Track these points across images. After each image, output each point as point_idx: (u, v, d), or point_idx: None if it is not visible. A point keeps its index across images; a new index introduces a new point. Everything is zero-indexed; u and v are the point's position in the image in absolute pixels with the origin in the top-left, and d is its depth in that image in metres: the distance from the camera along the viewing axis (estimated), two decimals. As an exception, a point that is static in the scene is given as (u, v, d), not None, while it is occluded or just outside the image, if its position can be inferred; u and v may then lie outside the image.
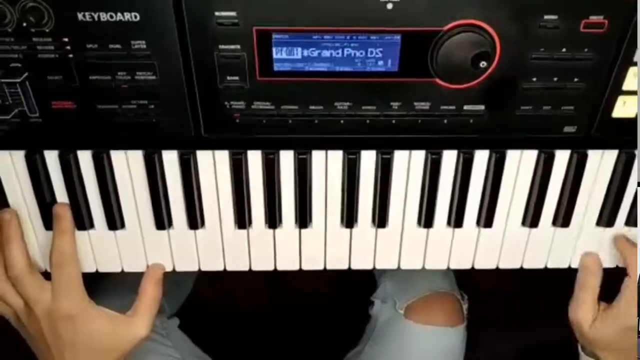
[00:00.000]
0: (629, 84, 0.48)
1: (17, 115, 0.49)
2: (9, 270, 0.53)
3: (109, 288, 0.72)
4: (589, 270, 0.58)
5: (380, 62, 0.47)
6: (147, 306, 0.57)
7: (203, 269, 0.60)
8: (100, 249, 0.58)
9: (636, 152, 0.53)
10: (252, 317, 1.17)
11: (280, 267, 0.60)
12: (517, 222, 0.57)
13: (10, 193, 0.54)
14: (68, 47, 0.46)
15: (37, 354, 0.57)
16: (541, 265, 0.61)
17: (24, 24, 0.44)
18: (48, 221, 0.55)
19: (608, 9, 0.44)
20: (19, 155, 0.53)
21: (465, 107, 0.49)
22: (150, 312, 0.58)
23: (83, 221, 0.56)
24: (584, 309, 0.57)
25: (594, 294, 0.58)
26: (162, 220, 0.56)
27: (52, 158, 0.53)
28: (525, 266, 0.60)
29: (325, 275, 0.59)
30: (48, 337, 0.54)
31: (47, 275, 0.55)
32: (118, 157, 0.53)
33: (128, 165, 0.53)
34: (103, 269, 0.59)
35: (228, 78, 0.47)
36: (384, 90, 0.48)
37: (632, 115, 0.50)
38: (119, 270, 0.59)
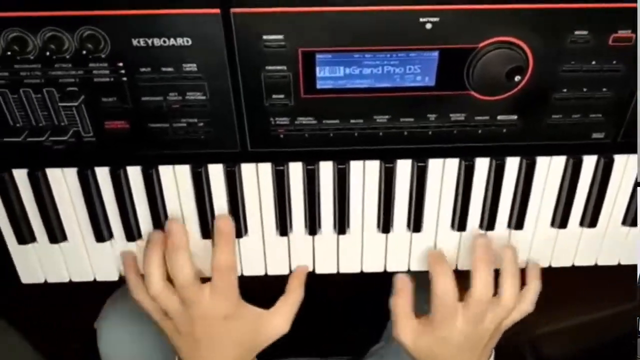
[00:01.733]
0: (654, 92, 0.50)
1: (72, 135, 0.52)
2: (176, 278, 0.55)
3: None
4: (397, 290, 0.60)
5: (419, 78, 0.49)
6: (291, 304, 0.61)
7: (246, 273, 0.62)
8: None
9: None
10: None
11: (319, 271, 0.63)
12: (546, 223, 0.60)
13: (62, 209, 0.57)
14: (122, 71, 0.48)
15: (178, 350, 0.59)
16: (569, 264, 0.63)
17: (83, 51, 0.47)
18: (98, 233, 0.58)
19: (636, 24, 0.47)
20: (71, 172, 0.55)
21: (499, 118, 0.52)
22: (292, 310, 0.61)
23: (133, 234, 0.59)
24: (401, 327, 0.59)
25: (407, 310, 0.59)
26: (209, 229, 0.59)
27: (103, 174, 0.55)
28: (554, 264, 0.63)
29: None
30: (200, 335, 0.57)
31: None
32: (166, 172, 0.55)
33: (175, 180, 0.56)
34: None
35: (274, 96, 0.50)
36: (421, 103, 0.51)
37: (657, 121, 0.52)
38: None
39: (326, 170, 0.56)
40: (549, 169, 0.56)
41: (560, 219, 0.59)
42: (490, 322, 0.57)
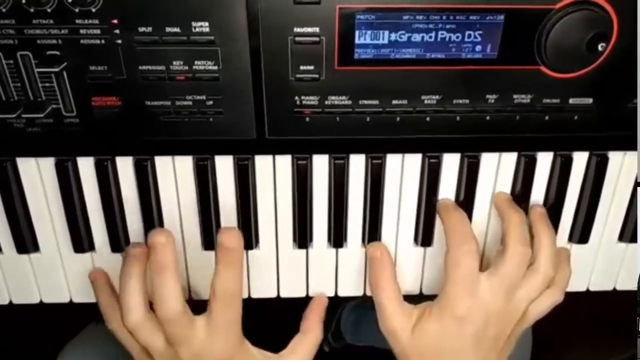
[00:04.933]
0: None
1: (50, 115, 0.42)
2: (160, 308, 0.42)
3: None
4: (376, 262, 0.48)
5: (478, 47, 0.41)
6: (308, 346, 0.49)
7: (254, 296, 0.52)
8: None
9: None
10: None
11: (342, 293, 0.52)
12: (614, 236, 0.51)
13: (33, 205, 0.47)
14: (116, 31, 0.39)
15: None
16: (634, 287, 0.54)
17: (68, 3, 0.38)
18: (78, 242, 0.48)
19: None
20: (47, 164, 0.45)
21: (571, 101, 0.43)
22: (310, 351, 0.49)
23: (120, 243, 0.48)
24: (389, 311, 0.47)
25: (395, 291, 0.47)
26: (212, 238, 0.48)
27: (86, 167, 0.45)
28: (619, 287, 0.53)
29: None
30: None
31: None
32: (164, 165, 0.46)
33: (175, 175, 0.46)
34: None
35: (301, 68, 0.41)
36: (480, 80, 0.42)
37: None
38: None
39: (357, 165, 0.47)
40: (621, 167, 0.47)
41: (633, 232, 0.50)
42: (521, 299, 0.45)
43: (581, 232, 0.49)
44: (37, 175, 0.45)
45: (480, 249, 0.45)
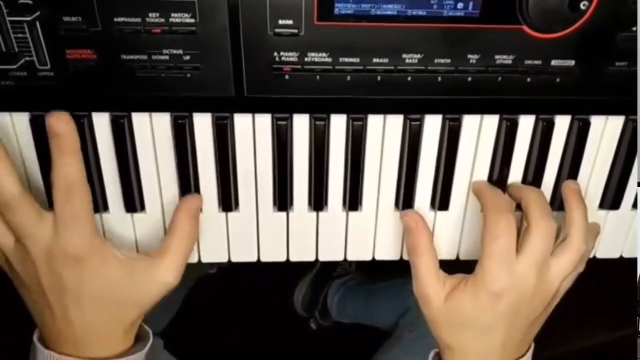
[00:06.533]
0: None
1: (23, 67, 0.41)
2: None
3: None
4: (412, 232, 0.47)
5: (460, 5, 0.40)
6: (179, 245, 0.46)
7: (234, 259, 0.51)
8: (114, 235, 0.49)
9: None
10: (245, 339, 1.09)
11: (322, 258, 0.52)
12: (594, 204, 0.51)
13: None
14: (90, -20, 0.38)
15: (31, 310, 0.45)
16: (616, 255, 0.54)
17: (39, -52, 0.37)
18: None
19: None
20: (21, 118, 0.44)
21: (553, 62, 0.42)
22: (182, 253, 0.46)
23: (97, 202, 0.47)
24: (425, 276, 0.46)
25: (432, 258, 0.46)
26: (190, 199, 0.48)
27: (62, 123, 0.44)
28: (599, 255, 0.53)
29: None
30: (46, 285, 0.42)
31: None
32: (140, 122, 0.45)
33: (152, 132, 0.45)
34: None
35: (280, 22, 0.40)
36: (461, 39, 0.41)
37: None
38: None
39: (338, 126, 0.46)
40: (603, 133, 0.47)
41: (613, 198, 0.50)
42: (555, 276, 0.44)
43: (561, 199, 0.49)
44: (10, 131, 0.45)
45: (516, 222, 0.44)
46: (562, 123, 0.47)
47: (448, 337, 0.46)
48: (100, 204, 0.48)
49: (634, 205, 0.51)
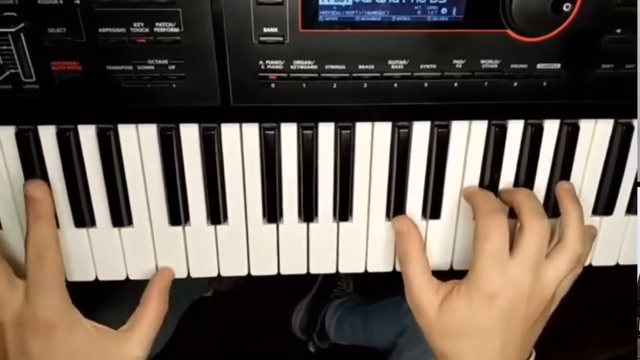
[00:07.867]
0: None
1: (8, 80, 0.41)
2: None
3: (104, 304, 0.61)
4: (404, 236, 0.47)
5: (444, 10, 0.40)
6: (148, 320, 0.47)
7: (224, 273, 0.51)
8: (100, 251, 0.49)
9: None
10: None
11: (314, 270, 0.51)
12: (587, 210, 0.50)
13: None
14: (75, -9, 0.38)
15: None
16: (612, 263, 0.53)
17: (23, -40, 0.37)
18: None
19: None
20: (6, 132, 0.44)
21: (539, 66, 0.42)
22: (151, 328, 0.47)
23: (83, 217, 0.47)
24: (420, 288, 0.45)
25: (423, 265, 0.46)
26: (179, 213, 0.47)
27: (47, 135, 0.44)
28: (595, 263, 0.53)
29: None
30: (12, 353, 0.42)
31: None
32: (127, 134, 0.45)
33: (139, 144, 0.45)
34: (103, 276, 0.50)
35: (265, 30, 0.40)
36: (446, 44, 0.41)
37: None
38: (122, 277, 0.50)
39: (326, 135, 0.46)
40: (594, 136, 0.47)
41: (606, 204, 0.49)
42: (551, 278, 0.43)
43: (554, 205, 0.48)
44: (-4, 145, 0.44)
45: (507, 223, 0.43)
46: (551, 128, 0.46)
47: (444, 346, 0.45)
48: (87, 218, 0.47)
49: (628, 210, 0.50)
